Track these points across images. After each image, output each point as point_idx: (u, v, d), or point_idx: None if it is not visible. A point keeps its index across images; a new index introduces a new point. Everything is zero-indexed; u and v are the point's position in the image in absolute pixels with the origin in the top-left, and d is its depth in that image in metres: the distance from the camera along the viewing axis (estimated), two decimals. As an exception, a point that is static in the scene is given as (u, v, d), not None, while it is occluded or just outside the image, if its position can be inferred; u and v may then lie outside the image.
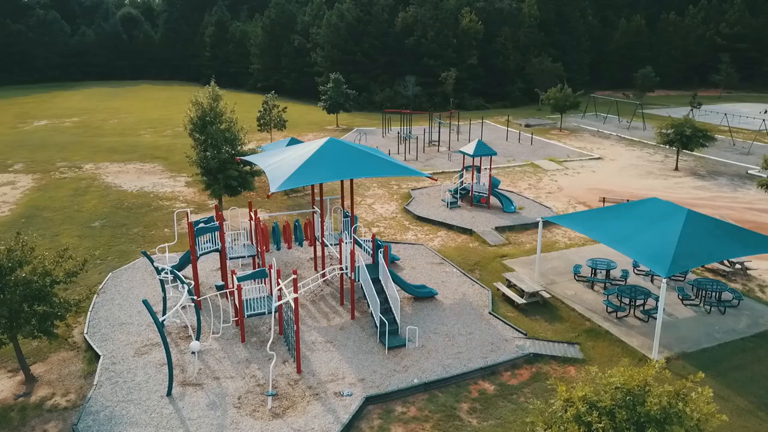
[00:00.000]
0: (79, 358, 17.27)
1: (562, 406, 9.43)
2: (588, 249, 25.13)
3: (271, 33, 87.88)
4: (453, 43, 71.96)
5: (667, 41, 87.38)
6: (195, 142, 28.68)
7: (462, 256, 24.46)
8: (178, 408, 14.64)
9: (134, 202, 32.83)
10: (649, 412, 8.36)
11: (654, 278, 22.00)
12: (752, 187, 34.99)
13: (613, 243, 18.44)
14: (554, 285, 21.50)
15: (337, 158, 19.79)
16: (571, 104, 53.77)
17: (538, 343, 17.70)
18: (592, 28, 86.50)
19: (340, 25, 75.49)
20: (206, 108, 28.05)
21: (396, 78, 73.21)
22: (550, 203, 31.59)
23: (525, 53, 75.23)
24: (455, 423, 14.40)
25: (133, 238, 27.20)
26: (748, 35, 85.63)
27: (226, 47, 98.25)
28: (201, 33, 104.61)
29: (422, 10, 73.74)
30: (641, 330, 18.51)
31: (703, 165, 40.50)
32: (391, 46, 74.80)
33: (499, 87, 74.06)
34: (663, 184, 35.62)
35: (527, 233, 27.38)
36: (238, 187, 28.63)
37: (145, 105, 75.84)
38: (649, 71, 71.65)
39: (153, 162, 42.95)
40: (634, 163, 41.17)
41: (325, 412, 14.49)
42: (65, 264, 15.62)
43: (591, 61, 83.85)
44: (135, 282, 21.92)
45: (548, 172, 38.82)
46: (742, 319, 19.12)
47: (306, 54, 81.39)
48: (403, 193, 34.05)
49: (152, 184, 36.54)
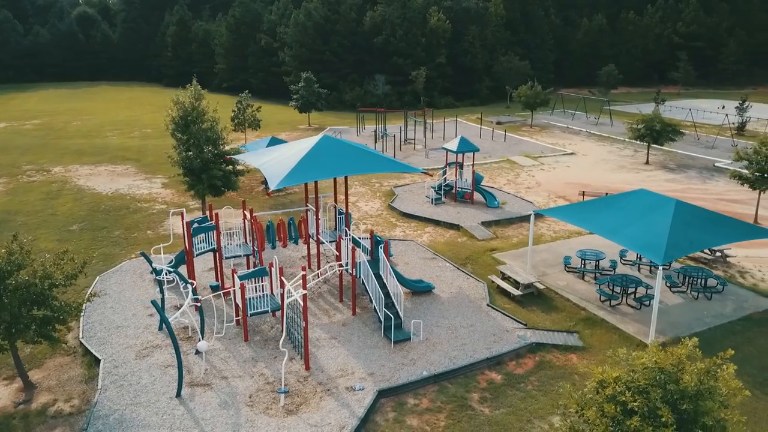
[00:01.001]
0: (77, 363, 16.84)
1: (594, 387, 9.70)
2: (574, 241, 25.74)
3: (236, 32, 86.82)
4: (422, 42, 72.45)
5: (628, 40, 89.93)
6: (177, 142, 28.17)
7: (452, 250, 24.74)
8: (189, 408, 14.44)
9: (111, 204, 32.10)
10: (686, 388, 8.71)
11: (641, 267, 22.70)
12: (720, 179, 36.39)
13: (607, 233, 18.97)
14: (546, 276, 21.97)
15: (333, 155, 19.83)
16: (542, 101, 54.83)
17: (539, 333, 18.09)
18: (556, 27, 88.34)
19: (308, 24, 75.13)
20: (188, 108, 27.57)
21: (365, 77, 73.31)
22: (531, 198, 32.20)
23: (492, 52, 76.29)
24: (468, 413, 14.62)
25: (116, 241, 26.60)
26: (703, 34, 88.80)
27: (188, 47, 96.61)
28: (162, 33, 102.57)
29: (390, 9, 74.01)
30: (635, 317, 19.11)
31: (672, 159, 41.88)
32: (359, 45, 74.85)
33: (468, 85, 74.90)
34: (636, 177, 36.70)
35: (512, 227, 27.87)
36: (221, 187, 28.27)
37: (108, 106, 74.03)
38: (613, 69, 73.64)
39: (125, 164, 42.05)
40: (605, 158, 42.29)
41: (340, 407, 14.52)
42: (66, 266, 15.20)
43: (555, 60, 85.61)
44: (125, 285, 21.46)
45: (525, 167, 39.53)
46: (727, 303, 19.93)
47: (273, 53, 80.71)
48: (385, 190, 34.19)
49: (127, 186, 35.77)
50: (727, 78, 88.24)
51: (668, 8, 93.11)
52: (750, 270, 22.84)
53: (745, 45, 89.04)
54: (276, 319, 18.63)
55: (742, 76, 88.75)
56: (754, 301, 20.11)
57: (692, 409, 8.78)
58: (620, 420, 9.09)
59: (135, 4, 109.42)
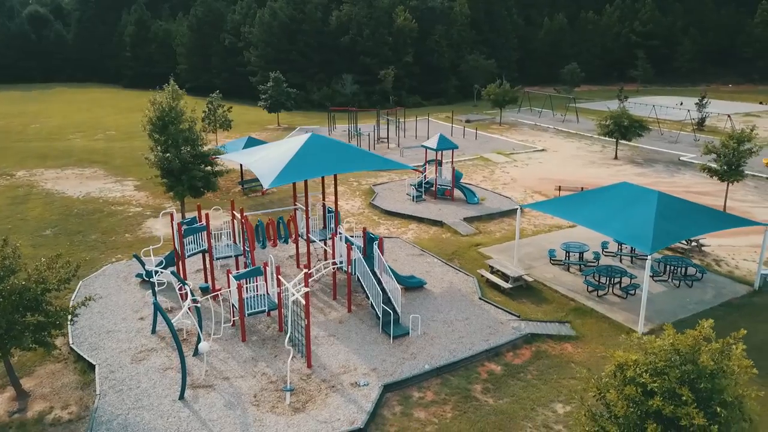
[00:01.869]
0: (70, 370, 16.41)
1: (612, 371, 10.02)
2: (554, 234, 26.33)
3: (198, 32, 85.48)
4: (389, 41, 72.74)
5: (588, 39, 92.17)
6: (155, 143, 27.62)
7: (438, 247, 25.01)
8: (194, 410, 14.26)
9: (84, 208, 31.29)
10: (706, 368, 9.11)
11: (622, 258, 23.40)
12: (687, 172, 37.75)
13: (594, 226, 19.51)
14: (533, 269, 22.42)
15: (324, 153, 19.83)
16: (510, 99, 55.76)
17: (532, 324, 18.48)
18: (518, 26, 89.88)
19: (273, 24, 74.56)
20: (165, 108, 27.07)
21: (333, 76, 73.17)
22: (508, 193, 32.77)
23: (458, 51, 77.14)
24: (473, 403, 14.86)
25: (94, 245, 25.95)
26: (659, 33, 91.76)
27: (148, 47, 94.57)
28: (120, 33, 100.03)
29: (356, 9, 74.05)
30: (622, 306, 19.71)
31: (638, 154, 43.19)
32: (326, 45, 74.66)
33: (435, 84, 75.54)
34: (607, 172, 37.73)
35: (494, 222, 28.33)
36: (201, 188, 27.88)
37: (67, 108, 71.89)
38: (575, 67, 75.39)
39: (92, 167, 41.02)
40: (575, 154, 43.31)
41: (347, 403, 14.56)
42: (61, 270, 14.79)
43: (519, 58, 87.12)
44: (110, 289, 20.98)
45: (498, 164, 40.16)
46: (707, 291, 20.74)
47: (238, 53, 79.78)
48: (363, 189, 34.27)
49: (99, 190, 34.91)
50: (683, 75, 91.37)
51: (626, 8, 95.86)
52: (724, 258, 23.80)
53: (698, 44, 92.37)
54: (272, 319, 18.52)
55: (696, 73, 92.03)
56: (732, 288, 20.98)
57: (710, 387, 9.17)
58: (641, 401, 9.42)
59: (90, 4, 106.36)
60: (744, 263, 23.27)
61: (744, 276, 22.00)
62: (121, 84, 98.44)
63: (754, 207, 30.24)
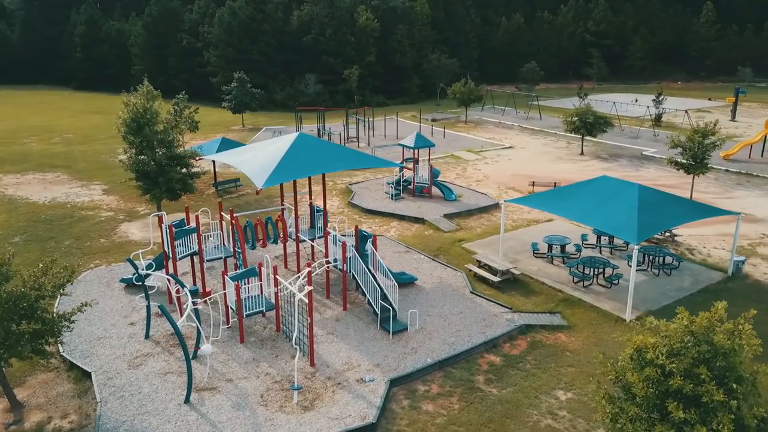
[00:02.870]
0: (63, 378, 15.95)
1: (630, 354, 10.44)
2: (533, 229, 26.96)
3: (153, 32, 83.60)
4: (351, 41, 72.75)
5: (544, 38, 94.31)
6: (129, 146, 26.98)
7: (422, 243, 25.28)
8: (202, 413, 14.08)
9: (52, 213, 30.30)
10: (722, 347, 9.61)
11: (602, 249, 24.16)
12: (650, 166, 39.19)
13: (580, 218, 20.14)
14: (517, 263, 22.92)
15: (312, 153, 19.86)
16: (476, 97, 56.61)
17: (525, 315, 18.94)
18: (476, 26, 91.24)
19: (233, 24, 73.57)
20: (140, 109, 26.47)
21: (296, 76, 72.71)
22: (483, 190, 33.32)
23: (420, 50, 77.74)
24: (478, 394, 15.16)
25: (69, 251, 25.18)
26: (612, 32, 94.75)
27: (100, 48, 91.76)
28: (69, 33, 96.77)
29: (317, 9, 73.76)
30: (608, 295, 20.39)
31: (603, 149, 44.53)
32: (288, 45, 74.12)
33: (398, 83, 75.97)
34: (575, 167, 38.80)
35: (473, 218, 28.79)
36: (179, 190, 27.40)
37: (17, 111, 69.24)
38: (535, 66, 77.06)
39: (54, 171, 39.74)
40: (542, 150, 44.35)
41: (355, 399, 14.64)
42: (59, 276, 14.35)
43: (478, 57, 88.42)
44: (94, 295, 20.39)
45: (470, 162, 40.78)
46: (685, 278, 21.66)
47: (197, 54, 78.36)
48: (340, 188, 34.27)
49: (65, 195, 33.84)
50: (635, 73, 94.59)
51: (579, 8, 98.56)
52: (696, 247, 24.87)
53: (648, 42, 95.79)
54: (268, 320, 18.40)
55: (647, 71, 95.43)
56: (707, 275, 21.97)
57: (724, 365, 9.68)
58: (660, 381, 9.86)
59: (35, 3, 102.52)
60: (714, 251, 24.38)
61: (717, 263, 23.05)
62: (72, 86, 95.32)
63: (717, 198, 31.66)
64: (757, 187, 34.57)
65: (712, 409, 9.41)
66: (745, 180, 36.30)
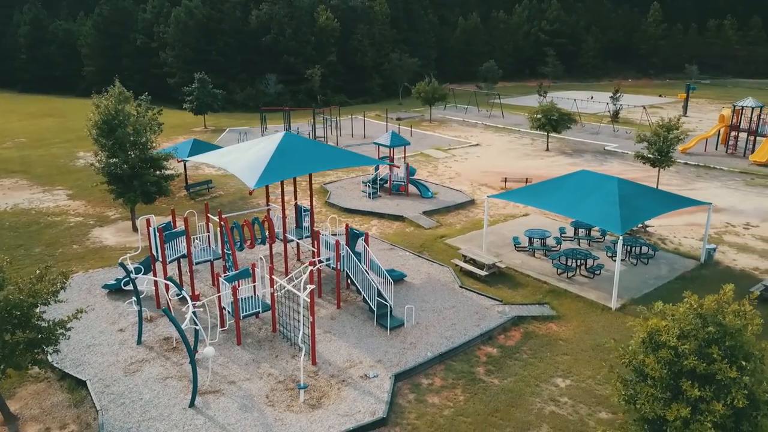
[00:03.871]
0: (55, 388, 15.43)
1: (642, 338, 10.89)
2: (511, 223, 27.54)
3: (105, 32, 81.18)
4: (311, 40, 72.44)
5: (500, 37, 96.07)
6: (101, 149, 26.21)
7: (405, 240, 25.49)
8: (209, 416, 13.90)
9: (16, 221, 29.16)
10: (732, 327, 10.15)
11: (580, 241, 24.90)
12: (614, 160, 40.54)
13: (563, 211, 20.74)
14: (500, 257, 23.36)
15: (299, 152, 19.82)
16: (439, 96, 57.23)
17: (515, 307, 19.38)
18: (434, 25, 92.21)
19: (190, 23, 72.20)
20: (112, 111, 25.75)
21: (256, 77, 71.90)
22: (458, 187, 33.80)
23: (380, 49, 78.06)
24: (481, 385, 15.46)
25: (40, 259, 24.27)
26: (565, 32, 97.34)
27: (46, 48, 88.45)
28: (12, 33, 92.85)
29: (276, 8, 73.12)
30: (591, 285, 21.05)
31: (567, 145, 45.78)
32: (247, 45, 73.23)
33: (359, 83, 76.09)
34: (542, 163, 39.77)
35: (451, 215, 29.20)
36: (154, 193, 26.80)
37: (-40, 116, 66.15)
38: (493, 65, 78.43)
39: (12, 177, 38.21)
40: (509, 147, 45.26)
41: (362, 395, 14.72)
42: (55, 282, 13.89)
43: (437, 56, 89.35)
44: (76, 303, 19.72)
45: (440, 159, 41.27)
46: (662, 267, 22.56)
47: (152, 54, 76.51)
48: (315, 188, 34.04)
49: (27, 201, 32.62)
50: (589, 71, 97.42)
51: (533, 8, 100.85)
52: (668, 237, 25.92)
53: (600, 41, 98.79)
54: (262, 321, 18.25)
55: (599, 69, 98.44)
56: (682, 263, 22.94)
57: (733, 344, 10.23)
58: (674, 361, 10.33)
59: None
60: (685, 240, 25.47)
61: (689, 251, 24.09)
62: (16, 88, 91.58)
63: (680, 189, 32.99)
64: (716, 179, 36.24)
65: (725, 386, 9.93)
66: (704, 172, 38.00)
